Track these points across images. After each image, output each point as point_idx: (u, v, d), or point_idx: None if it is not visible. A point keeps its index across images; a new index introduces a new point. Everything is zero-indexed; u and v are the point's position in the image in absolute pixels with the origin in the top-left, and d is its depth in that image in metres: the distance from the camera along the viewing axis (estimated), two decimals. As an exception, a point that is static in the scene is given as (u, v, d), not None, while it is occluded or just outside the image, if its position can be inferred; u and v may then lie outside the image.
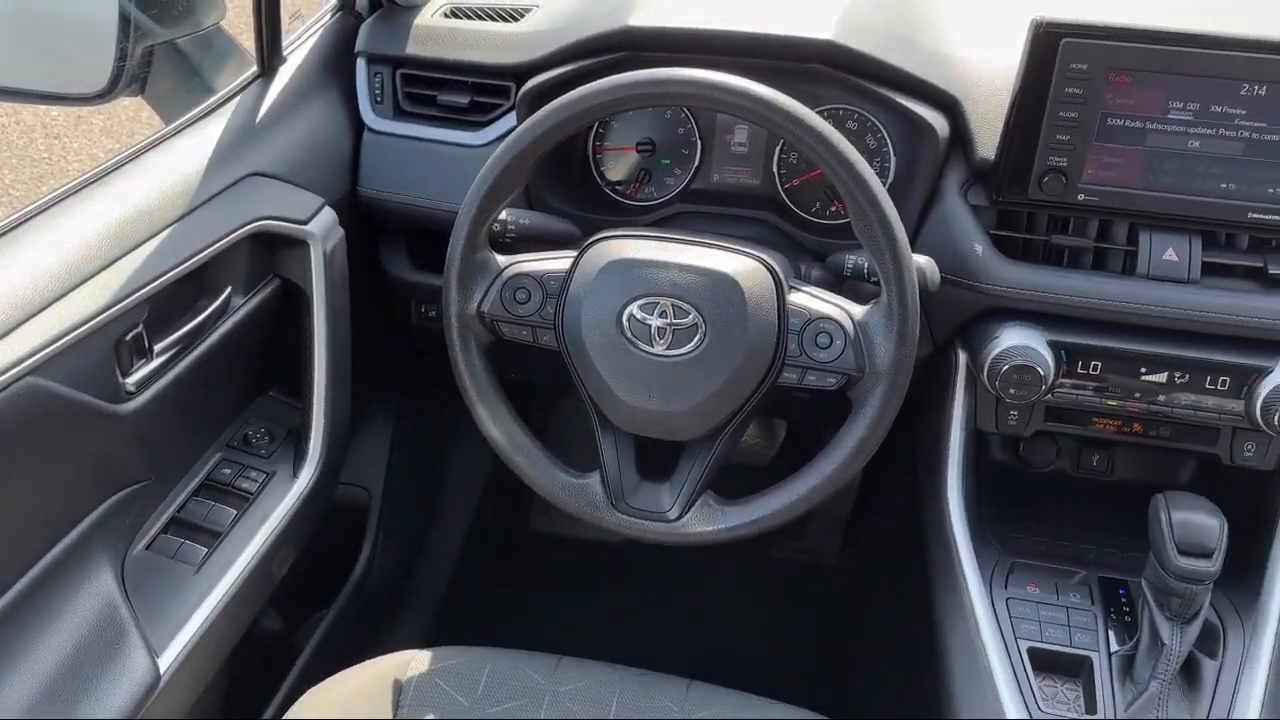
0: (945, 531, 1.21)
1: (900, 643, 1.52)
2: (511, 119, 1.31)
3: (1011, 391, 1.14)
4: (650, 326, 1.02)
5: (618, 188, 1.35)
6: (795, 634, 1.93)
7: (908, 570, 1.41)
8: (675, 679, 1.12)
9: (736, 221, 1.29)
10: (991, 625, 1.11)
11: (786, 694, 1.10)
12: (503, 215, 1.14)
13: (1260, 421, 1.11)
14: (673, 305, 1.02)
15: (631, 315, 1.02)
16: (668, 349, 1.02)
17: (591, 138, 1.35)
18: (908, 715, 1.39)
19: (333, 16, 1.43)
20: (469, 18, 1.39)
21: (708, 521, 1.08)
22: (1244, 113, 1.06)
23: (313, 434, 1.28)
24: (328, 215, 1.27)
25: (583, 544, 2.03)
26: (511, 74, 1.30)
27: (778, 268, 1.05)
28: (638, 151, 1.33)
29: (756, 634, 1.93)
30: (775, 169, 1.31)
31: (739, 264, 1.04)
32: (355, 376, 1.35)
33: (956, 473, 1.23)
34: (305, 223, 1.23)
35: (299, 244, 1.24)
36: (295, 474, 1.28)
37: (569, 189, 1.33)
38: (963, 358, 1.23)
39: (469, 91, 1.34)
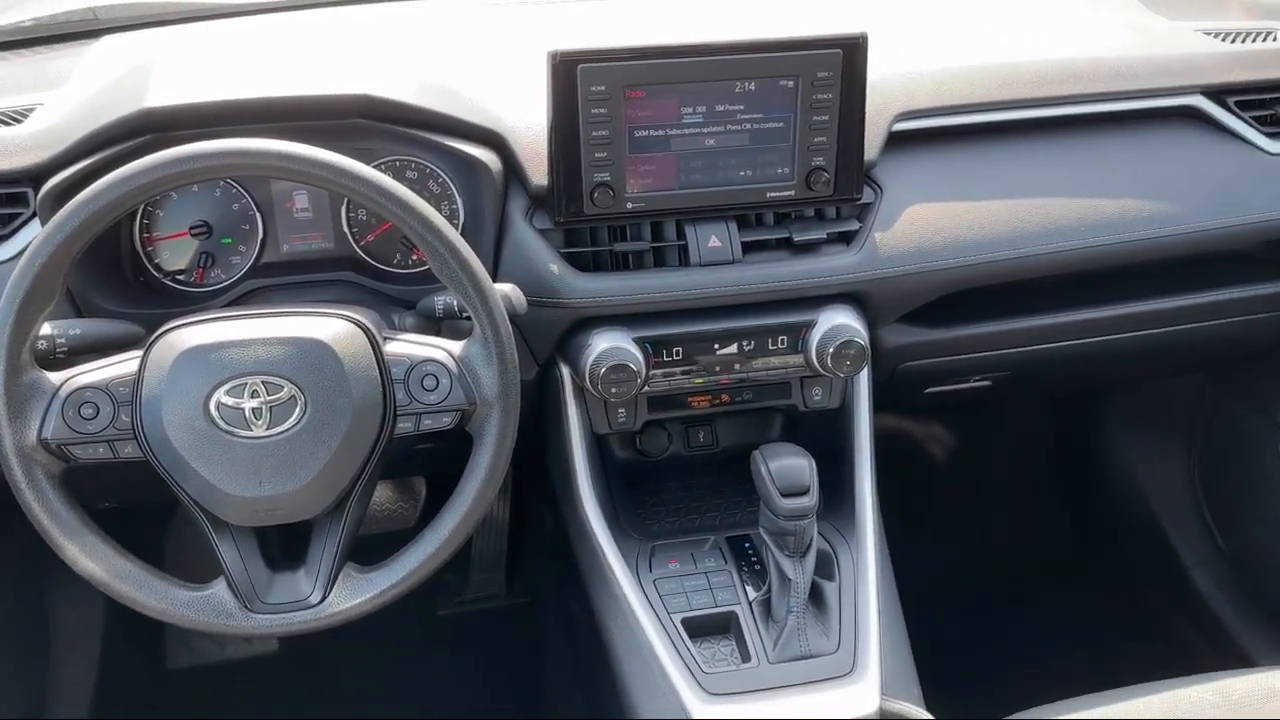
0: (588, 535, 1.26)
1: (578, 653, 1.57)
2: (36, 226, 1.18)
3: (613, 391, 1.21)
4: (244, 410, 0.97)
5: (179, 277, 1.27)
6: (483, 683, 1.92)
7: (568, 584, 1.46)
8: None
9: (317, 287, 1.27)
10: (645, 608, 1.18)
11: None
12: (46, 329, 1.03)
13: (818, 367, 1.28)
14: (263, 383, 0.98)
15: (220, 403, 0.97)
16: (269, 429, 0.98)
17: (137, 229, 1.25)
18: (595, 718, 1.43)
19: None
20: (-42, 127, 1.24)
21: (355, 594, 1.04)
22: (743, 107, 1.22)
23: None
24: None
25: (235, 665, 1.87)
26: (26, 178, 1.18)
27: (368, 322, 1.05)
28: (193, 236, 1.26)
29: (445, 698, 1.89)
30: (346, 228, 1.30)
31: (327, 326, 1.02)
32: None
33: (586, 479, 1.29)
34: None
35: None
36: None
37: (123, 289, 1.23)
38: (565, 371, 1.29)
39: (-22, 205, 1.19)
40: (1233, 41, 1.52)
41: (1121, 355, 1.56)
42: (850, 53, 1.20)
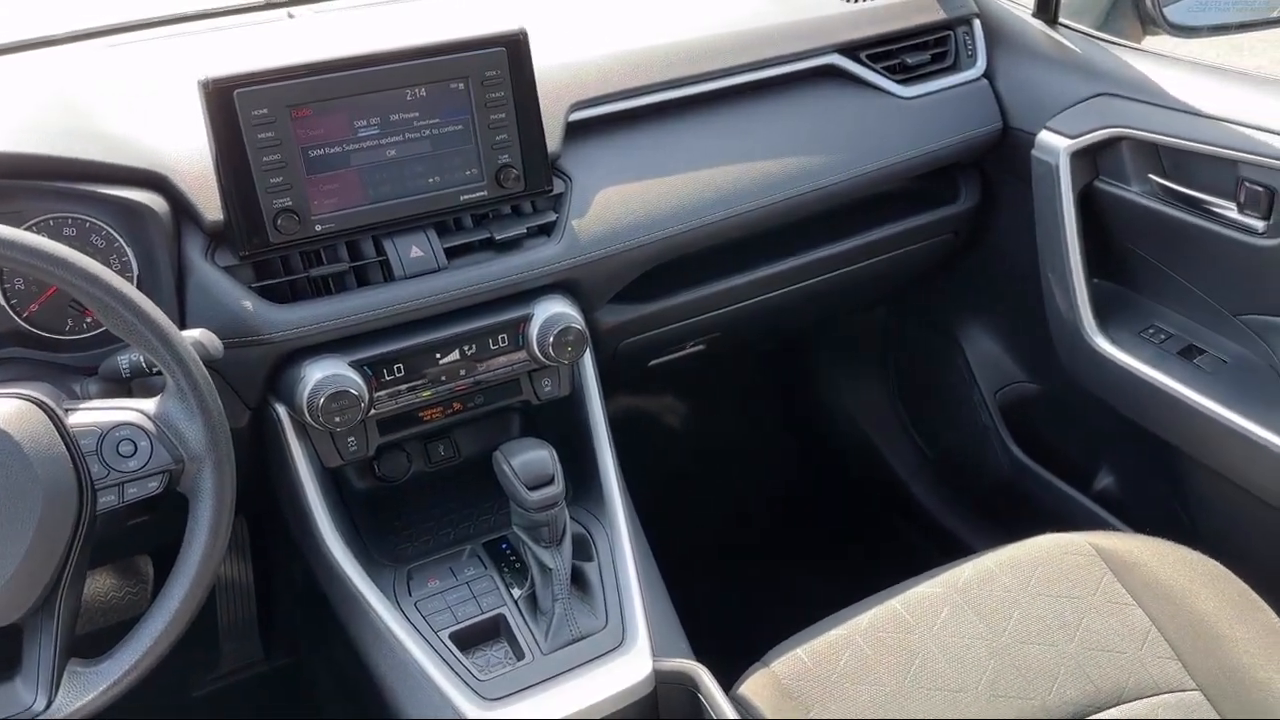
0: (337, 576, 1.21)
1: (351, 700, 1.51)
2: None
3: (336, 420, 1.17)
4: None
5: None
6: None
7: (329, 632, 1.39)
8: None
9: (-23, 372, 1.13)
10: (410, 635, 1.15)
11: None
12: None
13: (542, 358, 1.29)
14: None
15: None
16: None
17: None
18: None
19: None
20: None
21: (84, 691, 0.95)
22: (418, 114, 1.20)
23: None
24: None
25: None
26: None
27: (43, 396, 0.95)
28: None
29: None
30: (3, 301, 1.17)
31: None
32: None
33: (325, 518, 1.24)
34: None
35: None
36: None
37: None
38: (281, 410, 1.23)
39: None
40: (857, 1, 1.68)
41: (811, 299, 1.69)
42: (513, 49, 1.22)
